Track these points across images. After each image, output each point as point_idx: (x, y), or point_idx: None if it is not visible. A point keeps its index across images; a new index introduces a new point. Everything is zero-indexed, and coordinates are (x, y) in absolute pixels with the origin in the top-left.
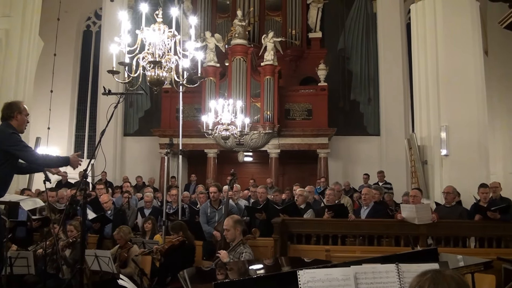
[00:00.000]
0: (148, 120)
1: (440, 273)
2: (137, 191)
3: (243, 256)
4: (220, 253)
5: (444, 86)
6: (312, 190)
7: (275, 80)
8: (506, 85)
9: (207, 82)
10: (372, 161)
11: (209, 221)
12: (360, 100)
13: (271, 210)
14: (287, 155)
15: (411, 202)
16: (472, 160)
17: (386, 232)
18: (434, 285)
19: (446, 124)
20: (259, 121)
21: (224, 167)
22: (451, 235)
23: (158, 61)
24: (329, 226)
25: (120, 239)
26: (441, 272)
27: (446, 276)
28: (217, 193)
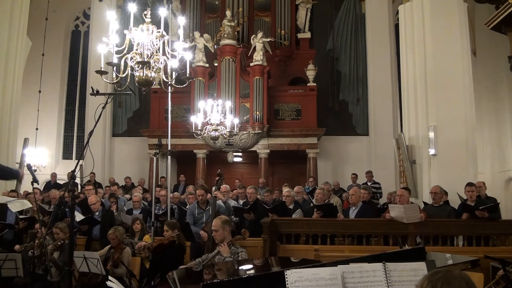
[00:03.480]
0: (137, 121)
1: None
2: (126, 192)
3: (239, 256)
4: (222, 247)
5: (432, 86)
6: (300, 190)
7: (264, 80)
8: (494, 85)
9: (196, 82)
10: (361, 161)
11: (197, 222)
12: (349, 100)
13: (260, 210)
14: (276, 155)
15: (398, 202)
16: (460, 160)
17: (375, 231)
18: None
19: (434, 124)
20: (248, 122)
21: (213, 168)
22: (440, 234)
23: (146, 61)
24: (318, 225)
25: (114, 239)
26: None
27: (456, 275)
28: (204, 195)
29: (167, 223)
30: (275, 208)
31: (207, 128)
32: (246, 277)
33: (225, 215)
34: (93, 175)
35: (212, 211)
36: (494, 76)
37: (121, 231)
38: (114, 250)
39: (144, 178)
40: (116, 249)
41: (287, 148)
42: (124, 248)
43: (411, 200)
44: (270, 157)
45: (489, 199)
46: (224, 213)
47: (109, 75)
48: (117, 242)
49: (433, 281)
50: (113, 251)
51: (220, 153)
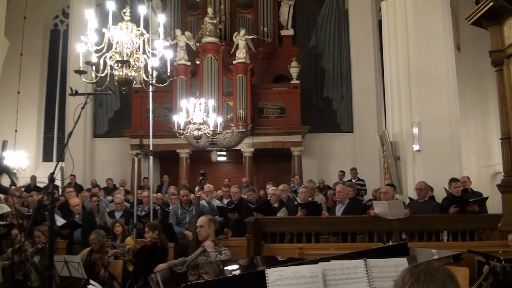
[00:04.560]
0: (118, 121)
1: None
2: (108, 194)
3: (222, 254)
4: (206, 243)
5: (416, 82)
6: (286, 188)
7: (247, 78)
8: (479, 81)
9: (178, 81)
10: (346, 158)
11: (180, 222)
12: (333, 97)
13: (244, 209)
14: (261, 154)
15: (382, 199)
16: (445, 155)
17: (360, 228)
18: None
19: (418, 120)
20: (232, 120)
21: (197, 167)
22: (424, 230)
23: (126, 60)
24: (303, 224)
25: (97, 243)
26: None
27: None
28: (188, 195)
29: (148, 225)
30: (260, 207)
31: (190, 127)
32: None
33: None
34: (73, 177)
35: (196, 211)
36: (479, 71)
37: (103, 234)
38: (99, 255)
39: (125, 179)
40: (100, 253)
41: (271, 147)
42: (108, 251)
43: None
44: (255, 156)
45: (475, 194)
46: (208, 213)
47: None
48: (99, 246)
49: (415, 274)
50: (99, 256)
51: (204, 153)
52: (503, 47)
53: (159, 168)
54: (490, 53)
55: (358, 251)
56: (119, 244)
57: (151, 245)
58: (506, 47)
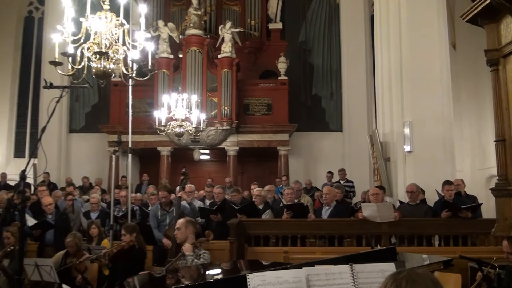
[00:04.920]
0: (96, 116)
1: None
2: (84, 193)
3: (201, 257)
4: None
5: (408, 80)
6: (272, 189)
7: (233, 73)
8: (475, 80)
9: (160, 75)
10: (334, 158)
11: (160, 224)
12: (322, 95)
13: (228, 211)
14: (246, 153)
15: (371, 201)
16: (437, 157)
17: (347, 231)
18: (412, 282)
19: (410, 120)
20: (216, 117)
21: (178, 166)
22: (415, 234)
23: (104, 51)
24: (288, 226)
25: (73, 247)
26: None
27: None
28: (168, 197)
29: (124, 227)
30: (244, 208)
31: (172, 123)
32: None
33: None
34: (47, 175)
35: (176, 212)
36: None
37: (79, 237)
38: (75, 258)
39: (101, 178)
40: (77, 257)
41: (257, 145)
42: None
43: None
44: (239, 155)
45: (469, 198)
46: (189, 214)
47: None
48: (75, 250)
49: (397, 280)
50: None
51: (186, 151)
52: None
53: (139, 166)
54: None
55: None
56: (95, 246)
57: (129, 249)
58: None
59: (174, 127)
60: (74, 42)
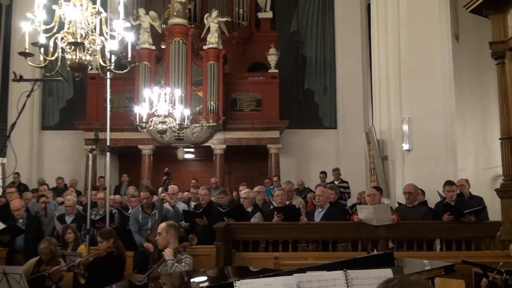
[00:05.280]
0: (71, 111)
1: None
2: (58, 195)
3: (182, 262)
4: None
5: (407, 74)
6: (262, 190)
7: (219, 65)
8: (479, 74)
9: (141, 67)
10: (328, 157)
11: (141, 228)
12: (315, 89)
13: (214, 214)
14: (233, 151)
15: (368, 202)
16: (438, 155)
17: (342, 235)
18: None
19: (409, 116)
20: (201, 113)
21: (161, 166)
22: (415, 238)
23: (80, 42)
24: (279, 230)
25: (47, 253)
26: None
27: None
28: (150, 198)
29: (100, 233)
30: (231, 211)
31: (154, 120)
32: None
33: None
34: (17, 176)
35: (159, 215)
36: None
37: (55, 243)
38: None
39: (77, 178)
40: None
41: (245, 143)
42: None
43: (383, 200)
44: (227, 154)
45: (474, 199)
46: (173, 218)
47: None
48: (50, 257)
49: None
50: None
51: (169, 149)
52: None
53: (118, 166)
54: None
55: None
56: (71, 253)
57: (106, 255)
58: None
59: (156, 123)
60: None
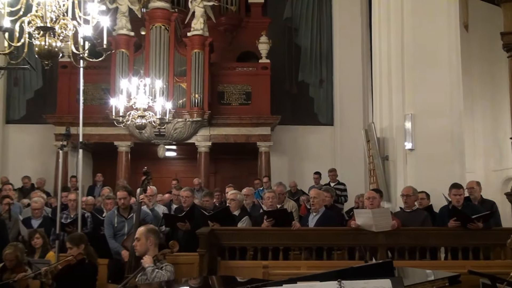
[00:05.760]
0: (40, 104)
1: None
2: (24, 196)
3: (163, 269)
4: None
5: (411, 66)
6: (250, 192)
7: (205, 54)
8: (490, 67)
9: (118, 55)
10: (324, 156)
11: (117, 233)
12: (310, 82)
13: (198, 218)
14: (220, 149)
15: (366, 206)
16: (443, 155)
17: (338, 243)
18: None
19: (412, 112)
20: (184, 106)
21: (139, 165)
22: (417, 246)
23: (49, 27)
24: (269, 236)
25: (12, 260)
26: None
27: None
28: (127, 199)
29: (69, 239)
30: (217, 215)
31: (132, 114)
32: None
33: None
34: None
35: (136, 219)
36: (490, 55)
37: (21, 249)
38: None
39: (44, 178)
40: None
41: (233, 140)
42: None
43: (383, 204)
44: (212, 152)
45: (485, 203)
46: (152, 222)
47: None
48: (15, 263)
49: None
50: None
51: (149, 146)
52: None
53: (91, 164)
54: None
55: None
56: (38, 260)
57: (77, 263)
58: None
59: (135, 118)
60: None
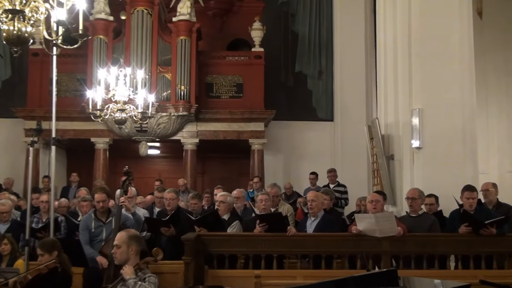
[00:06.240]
0: (8, 95)
1: None
2: None
3: (146, 281)
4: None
5: (418, 56)
6: (241, 195)
7: (192, 42)
8: (505, 58)
9: (95, 42)
10: (323, 155)
11: (94, 239)
12: (308, 73)
13: (183, 222)
14: (208, 147)
15: (369, 210)
16: (454, 155)
17: (338, 250)
18: None
19: (420, 107)
20: (169, 99)
21: (119, 163)
22: (424, 253)
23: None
24: (262, 243)
25: None
26: None
27: None
28: (106, 202)
29: (40, 245)
30: (204, 219)
31: (111, 107)
32: None
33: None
34: None
35: (116, 224)
36: (506, 44)
37: None
38: None
39: (13, 177)
40: None
41: (223, 137)
42: None
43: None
44: (200, 150)
45: (502, 207)
46: (133, 227)
47: None
48: None
49: None
50: None
51: (129, 143)
52: None
53: (66, 163)
54: None
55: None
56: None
57: (49, 272)
58: None
59: (114, 111)
60: None
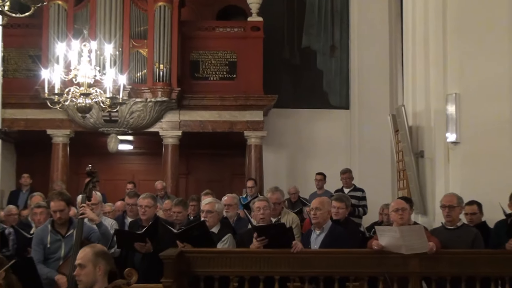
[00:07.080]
0: None
1: None
2: None
3: None
4: None
5: (455, 31)
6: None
7: (173, 10)
8: None
9: (52, 10)
10: (336, 152)
11: (50, 257)
12: (317, 49)
13: (163, 236)
14: (193, 141)
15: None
16: (500, 152)
17: (354, 270)
18: None
19: (457, 92)
20: (145, 82)
21: (82, 162)
22: (463, 275)
23: None
24: (260, 261)
25: None
26: None
27: None
28: (65, 211)
29: None
30: (188, 232)
31: (72, 91)
32: None
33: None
34: None
35: (77, 238)
36: None
37: None
38: None
39: None
40: None
41: (211, 129)
42: None
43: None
44: (183, 145)
45: None
46: (99, 241)
47: None
48: None
49: None
50: None
51: (95, 137)
52: None
53: (15, 161)
54: None
55: None
56: None
57: None
58: None
59: (76, 96)
60: None
